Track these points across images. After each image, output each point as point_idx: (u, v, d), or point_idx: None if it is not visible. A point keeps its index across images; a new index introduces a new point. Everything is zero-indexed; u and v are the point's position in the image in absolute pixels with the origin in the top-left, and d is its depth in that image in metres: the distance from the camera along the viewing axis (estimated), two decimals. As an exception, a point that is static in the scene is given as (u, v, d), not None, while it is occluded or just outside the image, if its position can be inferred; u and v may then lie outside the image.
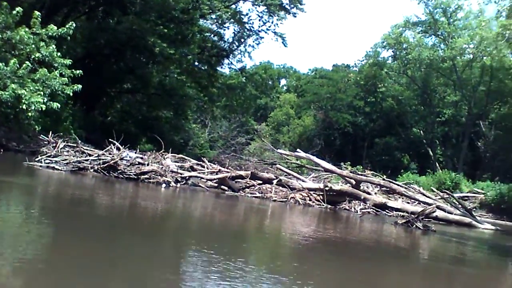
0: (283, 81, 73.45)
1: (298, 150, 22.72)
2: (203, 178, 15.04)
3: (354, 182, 18.20)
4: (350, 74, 51.79)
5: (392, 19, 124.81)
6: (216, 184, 15.04)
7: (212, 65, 34.94)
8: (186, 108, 34.57)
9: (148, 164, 14.21)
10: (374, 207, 15.07)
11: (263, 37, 34.26)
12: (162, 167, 14.28)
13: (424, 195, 18.43)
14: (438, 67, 43.18)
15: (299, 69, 74.04)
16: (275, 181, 15.47)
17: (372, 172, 30.40)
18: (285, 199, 14.65)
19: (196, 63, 34.23)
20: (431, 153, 45.04)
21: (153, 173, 13.64)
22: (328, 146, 50.62)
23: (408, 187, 19.73)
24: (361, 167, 33.11)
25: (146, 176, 13.43)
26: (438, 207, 16.58)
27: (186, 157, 17.87)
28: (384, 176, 27.00)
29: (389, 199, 16.96)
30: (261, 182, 15.75)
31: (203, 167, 16.34)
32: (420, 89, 45.67)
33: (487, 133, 44.56)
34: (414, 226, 12.16)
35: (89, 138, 21.66)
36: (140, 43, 25.38)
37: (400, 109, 48.58)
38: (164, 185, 13.26)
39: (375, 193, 16.92)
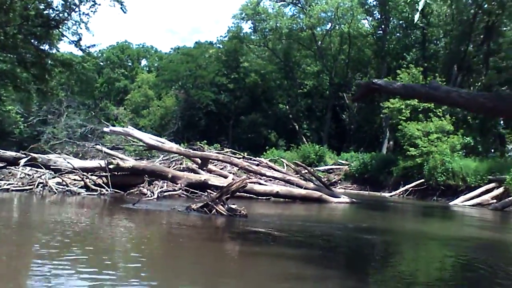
0: (144, 62, 67.98)
1: (130, 127, 18.99)
2: None
3: (199, 161, 15.29)
4: (210, 50, 48.37)
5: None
6: None
7: (39, 37, 29.13)
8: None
9: None
10: (190, 188, 11.80)
11: (99, 4, 29.11)
12: None
13: (275, 169, 15.56)
14: (298, 37, 41.61)
15: (161, 49, 68.89)
16: (23, 161, 11.38)
17: (230, 150, 27.61)
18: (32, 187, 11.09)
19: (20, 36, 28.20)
20: (298, 127, 43.63)
21: None
22: (192, 127, 47.17)
23: (260, 163, 16.80)
24: (219, 145, 30.09)
25: None
26: (288, 181, 13.98)
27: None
28: (245, 154, 24.36)
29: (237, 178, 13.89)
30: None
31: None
32: (282, 62, 43.84)
33: (351, 105, 44.42)
34: (214, 211, 9.15)
35: None
36: None
37: (265, 84, 46.57)
38: None
39: (209, 172, 13.66)
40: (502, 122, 33.44)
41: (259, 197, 12.82)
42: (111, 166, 11.36)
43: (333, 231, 8.88)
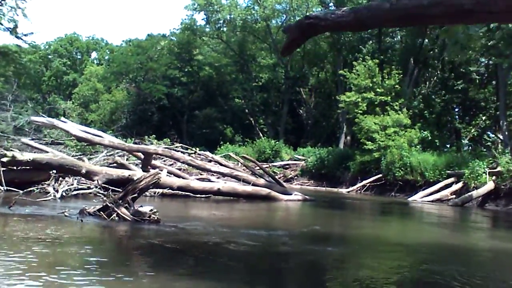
0: (94, 55, 64.96)
1: (62, 119, 17.28)
2: None
3: (142, 156, 13.81)
4: (162, 42, 46.32)
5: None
6: None
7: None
8: None
9: None
10: (111, 186, 10.08)
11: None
12: None
13: (222, 164, 14.22)
14: (253, 29, 40.29)
15: (112, 42, 66.13)
16: None
17: (181, 145, 26.10)
18: None
19: None
20: (254, 122, 42.38)
21: None
22: (145, 122, 45.22)
23: (206, 157, 15.44)
24: (169, 140, 28.48)
25: None
26: (236, 177, 12.68)
27: None
28: (197, 149, 22.94)
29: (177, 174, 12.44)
30: None
31: None
32: (237, 55, 42.38)
33: (308, 100, 43.69)
34: (115, 215, 7.16)
35: None
36: None
37: (220, 78, 45.02)
38: None
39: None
40: (457, 117, 33.39)
41: (197, 196, 11.34)
42: (4, 159, 9.51)
43: (272, 241, 6.96)
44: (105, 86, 48.40)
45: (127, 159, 19.94)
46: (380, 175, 22.88)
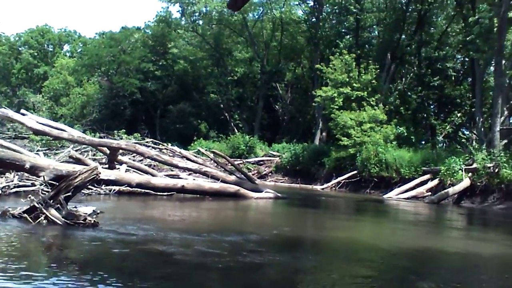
0: (66, 47, 63.14)
1: (23, 111, 16.33)
2: None
3: (107, 151, 12.99)
4: (136, 35, 45.10)
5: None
6: None
7: None
8: None
9: None
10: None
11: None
12: None
13: (190, 160, 13.49)
14: (229, 22, 39.48)
15: (85, 34, 64.32)
16: None
17: (152, 140, 25.23)
18: None
19: None
20: (229, 117, 41.60)
21: None
22: (117, 116, 44.03)
23: (174, 152, 14.70)
24: (139, 134, 27.61)
25: None
26: (205, 174, 12.00)
27: None
28: (169, 145, 22.17)
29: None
30: None
31: None
32: (212, 48, 41.48)
33: (284, 96, 43.18)
34: (43, 217, 6.05)
35: None
36: None
37: (195, 72, 44.06)
38: None
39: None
40: (433, 113, 33.20)
41: (159, 194, 10.44)
42: None
43: (232, 248, 5.75)
44: (76, 79, 46.93)
45: (94, 155, 19.06)
46: (355, 172, 22.43)
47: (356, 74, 25.93)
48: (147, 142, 23.25)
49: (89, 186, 8.99)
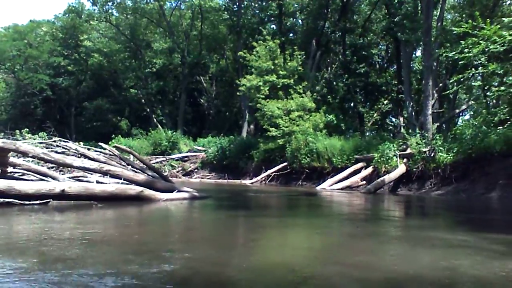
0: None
1: None
2: None
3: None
4: (44, 27, 41.30)
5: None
6: None
7: None
8: None
9: None
10: None
11: None
12: None
13: (90, 158, 11.31)
14: (145, 11, 36.94)
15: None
16: None
17: (60, 138, 22.51)
18: None
19: None
20: (150, 113, 39.10)
21: None
22: (28, 116, 40.27)
23: (69, 149, 12.43)
24: (45, 133, 24.67)
25: None
26: (107, 173, 9.96)
27: None
28: (81, 143, 19.64)
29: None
30: None
31: None
32: (128, 40, 38.71)
33: (209, 89, 41.40)
34: None
35: None
36: None
37: (111, 66, 41.07)
38: None
39: None
40: (360, 101, 32.75)
41: (28, 203, 7.77)
42: None
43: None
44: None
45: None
46: (286, 164, 21.12)
47: (282, 61, 24.61)
48: (54, 141, 20.60)
49: None
